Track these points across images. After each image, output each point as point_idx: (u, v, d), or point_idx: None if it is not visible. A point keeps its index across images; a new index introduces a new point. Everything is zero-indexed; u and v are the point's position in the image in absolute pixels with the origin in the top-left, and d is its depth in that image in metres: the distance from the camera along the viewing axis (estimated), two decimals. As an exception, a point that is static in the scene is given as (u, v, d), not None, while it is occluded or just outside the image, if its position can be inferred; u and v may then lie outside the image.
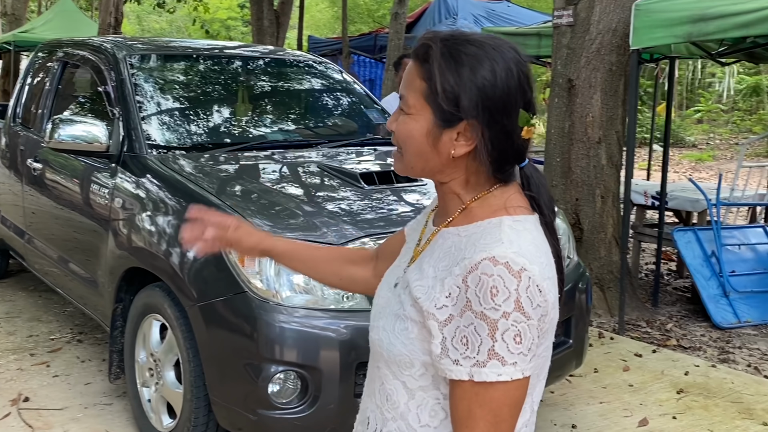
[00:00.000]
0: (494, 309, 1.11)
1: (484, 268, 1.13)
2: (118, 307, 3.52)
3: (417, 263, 1.31)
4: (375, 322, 1.33)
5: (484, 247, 1.16)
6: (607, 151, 5.53)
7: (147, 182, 3.43)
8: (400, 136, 1.27)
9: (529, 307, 1.12)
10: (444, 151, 1.24)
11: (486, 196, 1.26)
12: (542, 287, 1.15)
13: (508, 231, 1.19)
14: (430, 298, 1.19)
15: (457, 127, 1.22)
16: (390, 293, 1.35)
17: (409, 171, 1.29)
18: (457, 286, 1.16)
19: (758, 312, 5.61)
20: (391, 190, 3.38)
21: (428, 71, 1.22)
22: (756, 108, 23.21)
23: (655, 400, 3.99)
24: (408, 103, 1.24)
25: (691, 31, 4.58)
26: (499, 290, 1.11)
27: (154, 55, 4.28)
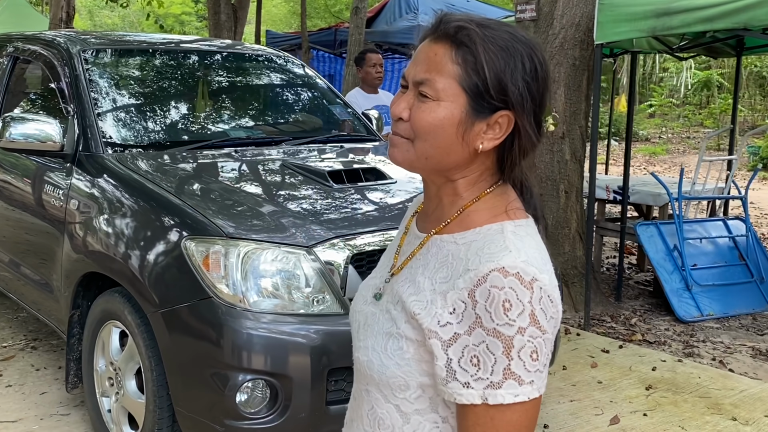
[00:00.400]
0: (508, 325, 1.02)
1: (493, 281, 1.04)
2: (75, 314, 3.37)
3: (406, 274, 1.20)
4: (360, 342, 1.22)
5: (489, 256, 1.07)
6: (570, 146, 5.52)
7: (103, 182, 3.29)
8: (421, 125, 1.12)
9: (544, 320, 1.04)
10: (471, 144, 1.13)
11: (485, 197, 1.17)
12: (553, 297, 1.07)
13: (512, 237, 1.10)
14: (431, 315, 1.09)
15: (490, 119, 1.12)
16: (373, 308, 1.24)
17: (418, 163, 1.16)
18: (462, 301, 1.06)
19: (719, 305, 5.67)
20: (359, 188, 3.29)
21: (468, 55, 1.10)
22: (706, 102, 23.66)
23: (624, 396, 3.98)
24: (436, 88, 1.11)
25: (655, 26, 4.57)
26: (512, 304, 1.02)
27: (110, 49, 4.12)
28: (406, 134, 1.15)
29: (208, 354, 2.67)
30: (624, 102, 20.52)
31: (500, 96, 1.10)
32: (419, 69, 1.14)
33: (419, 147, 1.14)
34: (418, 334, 1.11)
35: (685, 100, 23.88)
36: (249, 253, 2.70)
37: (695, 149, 19.11)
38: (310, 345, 2.63)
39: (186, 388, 2.75)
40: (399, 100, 1.16)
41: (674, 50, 6.16)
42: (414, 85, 1.14)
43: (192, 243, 2.75)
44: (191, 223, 2.84)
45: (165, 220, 2.94)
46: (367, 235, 2.90)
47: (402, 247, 1.27)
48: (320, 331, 2.65)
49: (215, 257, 2.70)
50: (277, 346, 2.62)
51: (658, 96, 23.25)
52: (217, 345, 2.65)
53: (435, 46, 1.13)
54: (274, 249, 2.72)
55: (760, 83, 22.44)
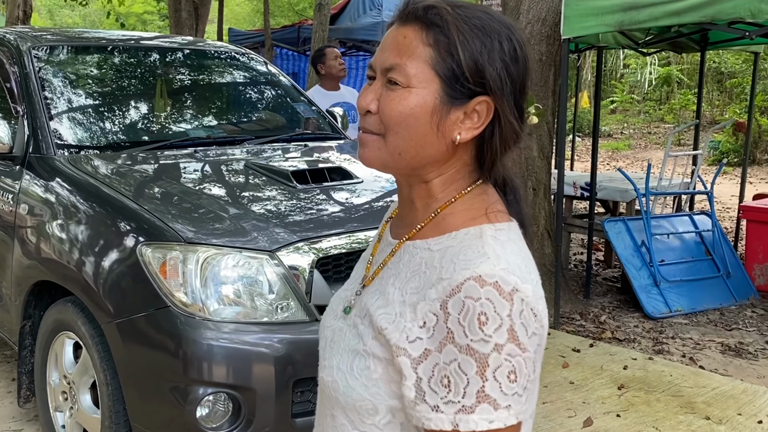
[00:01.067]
0: (483, 341, 0.91)
1: (468, 291, 0.93)
2: (26, 324, 3.21)
3: (376, 285, 1.09)
4: (326, 361, 1.10)
5: (465, 264, 0.95)
6: (538, 143, 5.46)
7: (55, 186, 3.12)
8: (391, 115, 1.01)
9: (525, 337, 0.93)
10: (448, 135, 1.02)
11: (462, 198, 1.05)
12: (537, 310, 0.95)
13: (492, 242, 0.99)
14: (399, 329, 0.98)
15: (467, 106, 1.01)
16: (341, 323, 1.12)
17: (392, 161, 1.04)
18: (433, 313, 0.95)
19: (687, 300, 5.65)
20: (324, 189, 3.17)
21: (440, 35, 1.00)
22: (666, 98, 23.92)
23: (597, 397, 3.92)
24: (406, 73, 1.00)
25: (622, 20, 4.52)
26: (488, 317, 0.91)
27: (64, 46, 3.93)
28: (376, 129, 1.04)
29: (166, 366, 2.53)
30: (586, 98, 20.64)
31: (477, 79, 1.00)
32: (387, 54, 1.03)
33: (391, 142, 1.03)
34: (385, 351, 1.00)
35: (646, 96, 24.12)
36: (209, 258, 2.56)
37: (657, 144, 19.29)
38: (274, 355, 2.51)
39: (143, 402, 2.60)
40: (366, 92, 1.05)
41: (640, 45, 6.13)
42: (382, 73, 1.03)
43: (148, 249, 2.60)
44: (147, 228, 2.69)
45: (120, 225, 2.79)
46: (333, 237, 2.78)
47: (375, 256, 1.16)
48: (285, 339, 2.52)
49: (173, 264, 2.56)
50: (239, 357, 2.49)
51: (619, 92, 23.44)
52: (175, 357, 2.51)
53: (403, 28, 1.03)
54: (235, 254, 2.59)
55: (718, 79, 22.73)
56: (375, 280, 1.11)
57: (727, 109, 20.02)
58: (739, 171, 8.80)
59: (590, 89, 21.72)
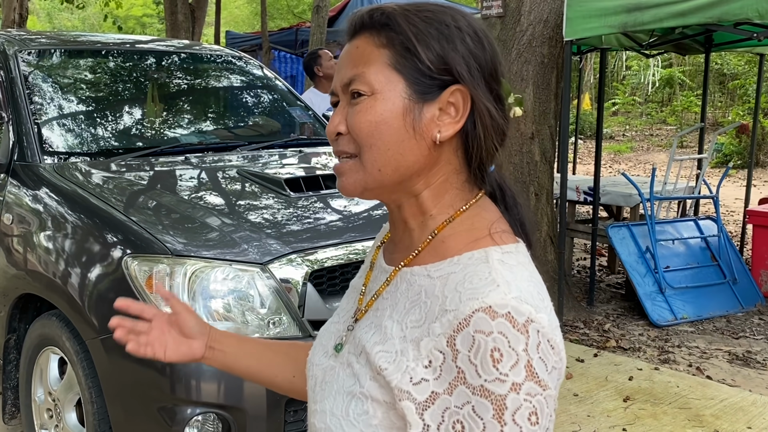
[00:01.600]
0: (499, 380, 0.80)
1: (478, 324, 0.82)
2: (11, 338, 3.09)
3: (371, 318, 0.98)
4: (317, 404, 0.99)
5: (472, 293, 0.85)
6: (540, 147, 5.34)
7: (40, 194, 3.01)
8: (360, 127, 0.93)
9: (544, 373, 0.83)
10: (427, 135, 0.93)
11: (461, 217, 0.95)
12: (554, 342, 0.85)
13: (500, 268, 0.88)
14: (401, 369, 0.87)
15: (440, 99, 0.92)
16: (332, 361, 1.01)
17: (372, 181, 0.94)
18: (439, 350, 0.85)
19: (693, 308, 5.53)
20: (319, 197, 3.05)
21: (391, 33, 0.93)
22: (668, 100, 23.81)
23: (602, 410, 3.80)
24: (367, 81, 0.93)
25: (626, 21, 4.41)
26: (503, 353, 0.81)
27: (52, 50, 3.82)
28: (350, 149, 0.95)
29: (153, 385, 2.42)
30: (588, 100, 20.54)
31: (441, 67, 0.92)
32: (344, 71, 0.96)
33: (367, 159, 0.93)
34: (386, 393, 0.89)
35: (648, 98, 24.01)
36: (197, 272, 2.45)
37: (659, 146, 19.17)
38: (266, 373, 2.39)
39: (129, 422, 2.49)
40: (332, 118, 0.97)
41: (643, 47, 6.02)
42: (343, 91, 0.96)
43: (134, 262, 2.49)
44: (134, 240, 2.58)
45: (106, 236, 2.67)
46: (327, 248, 2.67)
47: (367, 286, 1.05)
48: (277, 356, 2.41)
49: (160, 277, 2.45)
50: (229, 375, 2.35)
51: (621, 94, 23.34)
52: (162, 375, 2.39)
53: (354, 41, 0.97)
54: (225, 267, 2.48)
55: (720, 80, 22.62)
56: (369, 312, 1.00)
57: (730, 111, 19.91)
58: (742, 173, 8.69)
59: (592, 91, 21.63)
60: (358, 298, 1.05)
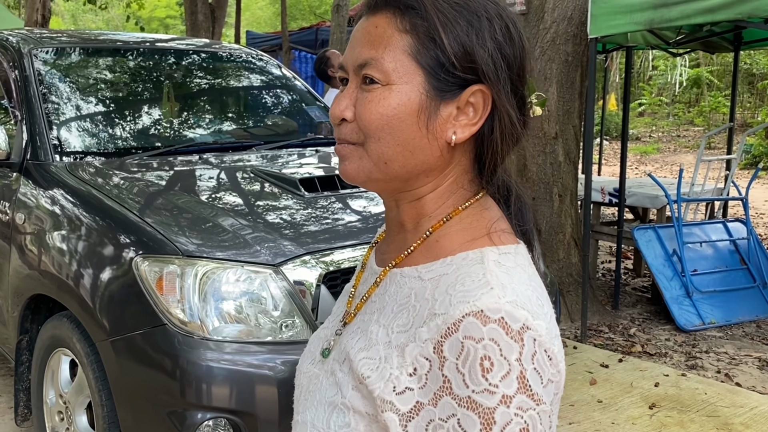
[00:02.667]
0: (488, 392, 0.73)
1: (467, 330, 0.75)
2: (23, 339, 3.05)
3: (358, 323, 0.91)
4: (299, 415, 0.93)
5: (463, 295, 0.78)
6: (564, 147, 5.23)
7: (52, 194, 2.97)
8: (370, 119, 0.84)
9: (538, 386, 0.75)
10: (441, 136, 0.85)
11: (459, 216, 0.88)
12: (552, 352, 0.77)
13: (495, 269, 0.81)
14: (384, 378, 0.80)
15: (460, 98, 0.84)
16: (317, 368, 0.94)
17: (378, 173, 0.87)
18: (425, 357, 0.78)
19: (721, 312, 5.39)
20: (335, 197, 2.98)
21: (417, 19, 0.83)
22: (696, 100, 23.49)
23: (627, 417, 3.68)
24: (384, 69, 0.84)
25: (652, 18, 4.29)
26: (493, 362, 0.73)
27: (67, 49, 3.79)
28: (354, 138, 0.87)
29: (163, 389, 2.35)
30: (613, 101, 20.30)
31: (466, 65, 0.83)
32: (359, 49, 0.86)
33: (374, 150, 0.85)
34: (369, 404, 0.82)
35: (675, 99, 23.71)
36: (208, 273, 2.39)
37: (686, 148, 18.91)
38: (278, 377, 2.32)
39: (139, 426, 2.43)
40: (339, 99, 0.88)
41: (670, 45, 5.88)
42: (356, 73, 0.86)
43: (144, 263, 2.43)
44: (145, 240, 2.52)
45: (117, 236, 2.62)
46: (342, 250, 2.59)
47: (357, 288, 0.98)
48: (289, 361, 2.34)
49: (170, 278, 2.39)
50: (240, 379, 2.31)
51: (648, 94, 23.06)
52: (173, 378, 2.33)
53: (374, 18, 0.86)
54: (237, 268, 2.41)
55: (749, 80, 22.27)
56: (357, 316, 0.93)
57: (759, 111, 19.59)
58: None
59: (618, 92, 21.38)
60: (348, 300, 0.98)
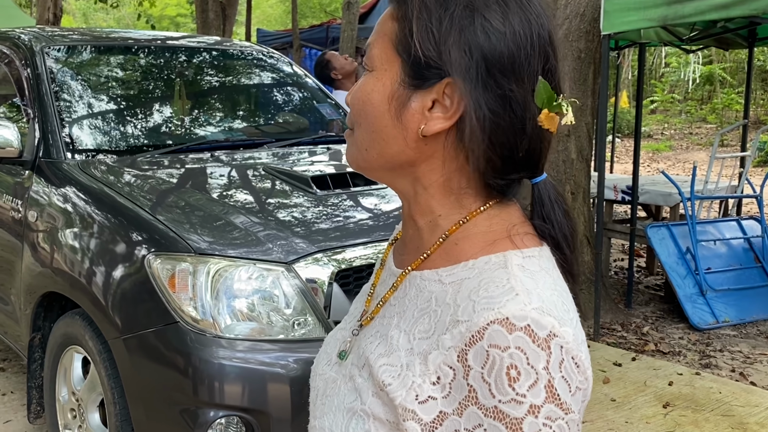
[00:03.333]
0: (515, 402, 0.71)
1: (493, 338, 0.73)
2: (35, 336, 3.06)
3: (377, 326, 0.89)
4: (316, 420, 0.91)
5: (488, 302, 0.75)
6: (576, 145, 5.20)
7: (64, 191, 2.97)
8: (354, 104, 0.87)
9: (566, 394, 0.73)
10: (411, 127, 0.83)
11: (477, 218, 0.84)
12: (579, 359, 0.75)
13: (520, 274, 0.78)
14: (406, 386, 0.78)
15: (434, 90, 0.81)
16: (334, 372, 0.92)
17: (362, 159, 0.88)
18: (449, 366, 0.75)
19: (735, 310, 5.35)
20: (347, 194, 2.97)
21: (406, 7, 0.83)
22: (708, 97, 23.34)
23: (640, 416, 3.66)
24: (371, 56, 0.86)
25: (666, 14, 4.25)
26: (520, 372, 0.71)
27: (79, 46, 3.79)
28: (349, 123, 0.90)
29: (175, 387, 2.35)
30: (626, 98, 20.19)
31: (434, 56, 0.81)
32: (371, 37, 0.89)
33: (357, 135, 0.88)
34: (390, 412, 0.80)
35: (687, 96, 23.56)
36: (220, 271, 2.38)
37: (699, 145, 18.79)
38: (291, 376, 2.31)
39: (151, 424, 2.43)
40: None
41: (683, 42, 5.84)
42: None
43: (156, 260, 2.43)
44: (157, 238, 2.52)
45: (129, 234, 2.62)
46: (354, 247, 2.58)
47: (376, 288, 0.96)
48: (301, 359, 2.33)
49: (182, 276, 2.38)
50: (253, 378, 2.30)
51: (660, 91, 22.92)
52: (185, 376, 2.33)
53: (389, 7, 0.89)
54: (249, 266, 2.40)
55: (763, 77, 22.10)
56: (375, 319, 0.91)
57: (773, 108, 19.43)
58: (788, 173, 8.40)
59: (630, 89, 21.27)
60: (366, 300, 0.96)
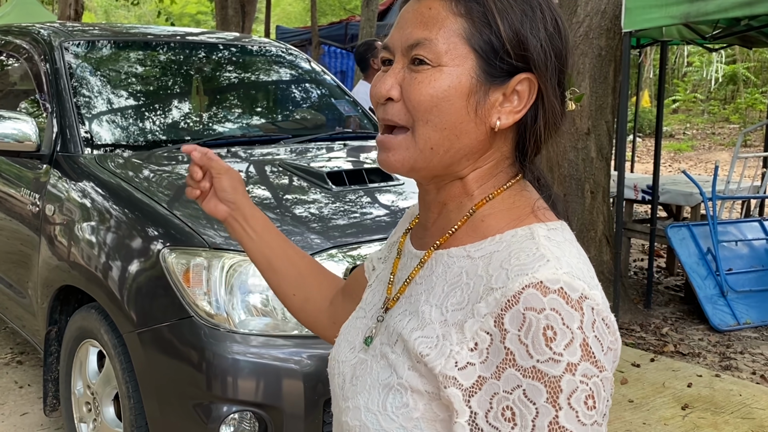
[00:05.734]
0: (553, 360, 0.74)
1: (528, 301, 0.76)
2: (52, 330, 3.07)
3: (404, 305, 0.91)
4: (349, 401, 0.92)
5: (520, 269, 0.78)
6: (596, 143, 5.15)
7: (81, 186, 2.97)
8: (420, 100, 0.85)
9: (600, 353, 0.76)
10: (486, 121, 0.86)
11: (501, 196, 0.89)
12: (609, 321, 0.79)
13: (547, 243, 0.82)
14: (444, 354, 0.81)
15: (507, 85, 0.85)
16: (362, 354, 0.94)
17: (422, 160, 0.87)
18: (486, 331, 0.78)
19: (757, 312, 5.27)
20: (363, 190, 2.95)
21: (473, 3, 0.85)
22: (732, 97, 23.09)
23: (659, 418, 3.61)
24: (436, 50, 0.85)
25: (689, 11, 4.20)
26: (556, 332, 0.74)
27: (97, 41, 3.80)
28: (402, 120, 0.87)
29: (189, 381, 2.35)
30: (647, 97, 20.02)
31: (519, 53, 0.85)
32: (410, 30, 0.87)
33: (421, 134, 0.86)
34: (428, 383, 0.82)
35: (710, 95, 23.32)
36: (235, 266, 2.37)
37: (721, 145, 18.58)
38: (304, 372, 2.30)
39: (165, 418, 2.43)
40: (383, 78, 0.88)
41: (706, 40, 5.77)
42: (404, 53, 0.87)
43: (171, 255, 2.43)
44: (173, 233, 2.52)
45: (145, 228, 2.62)
46: (370, 244, 2.57)
47: (396, 275, 0.98)
48: (315, 355, 2.32)
49: (197, 271, 2.38)
50: (266, 373, 2.29)
51: (682, 91, 22.70)
52: (199, 371, 2.32)
53: (428, 1, 0.87)
54: (264, 261, 2.39)
55: (787, 77, 21.85)
56: (401, 299, 0.93)
57: (797, 108, 19.16)
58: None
59: (651, 88, 21.10)
60: (387, 288, 0.98)
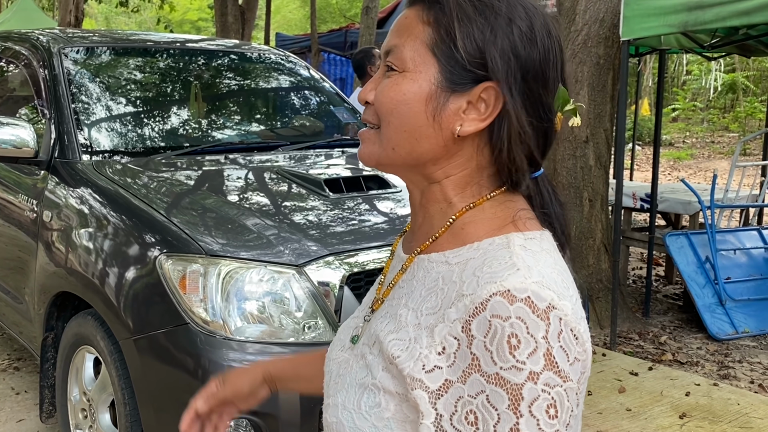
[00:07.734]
0: (515, 368, 0.75)
1: (495, 308, 0.77)
2: (48, 336, 3.06)
3: (386, 308, 0.93)
4: (330, 398, 0.94)
5: (490, 277, 0.80)
6: (595, 151, 5.16)
7: (80, 192, 2.97)
8: (383, 102, 0.89)
9: (565, 363, 0.77)
10: (447, 127, 0.87)
11: (483, 205, 0.90)
12: (577, 331, 0.79)
13: (521, 253, 0.83)
14: (414, 357, 0.82)
15: (471, 93, 0.86)
16: (347, 353, 0.96)
17: (385, 157, 0.91)
18: (454, 336, 0.79)
19: (755, 321, 5.27)
20: (360, 198, 2.96)
21: (440, 13, 0.87)
22: (731, 106, 23.13)
23: (656, 426, 3.61)
24: (402, 57, 0.89)
25: (687, 20, 4.20)
26: (520, 340, 0.75)
27: (97, 48, 3.81)
28: (373, 120, 0.91)
29: (185, 388, 2.34)
30: (647, 105, 20.05)
31: (476, 61, 0.86)
32: (389, 38, 0.92)
33: (384, 134, 0.90)
34: (399, 384, 0.84)
35: (709, 104, 23.36)
36: (231, 272, 2.37)
37: (720, 154, 18.61)
38: (300, 379, 2.29)
39: (161, 425, 2.42)
40: (368, 83, 0.93)
41: (705, 48, 5.78)
42: (384, 59, 0.91)
43: (168, 261, 2.42)
44: (170, 240, 2.52)
45: (142, 235, 2.62)
46: (367, 251, 2.57)
47: (386, 276, 1.00)
48: (311, 362, 2.31)
49: (193, 277, 2.38)
50: (261, 380, 2.28)
51: (681, 99, 22.73)
52: (194, 378, 2.32)
53: (407, 11, 0.92)
54: (260, 268, 2.39)
55: (786, 86, 21.89)
56: (385, 301, 0.95)
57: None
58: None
59: (650, 96, 21.13)
60: (377, 288, 1.01)
